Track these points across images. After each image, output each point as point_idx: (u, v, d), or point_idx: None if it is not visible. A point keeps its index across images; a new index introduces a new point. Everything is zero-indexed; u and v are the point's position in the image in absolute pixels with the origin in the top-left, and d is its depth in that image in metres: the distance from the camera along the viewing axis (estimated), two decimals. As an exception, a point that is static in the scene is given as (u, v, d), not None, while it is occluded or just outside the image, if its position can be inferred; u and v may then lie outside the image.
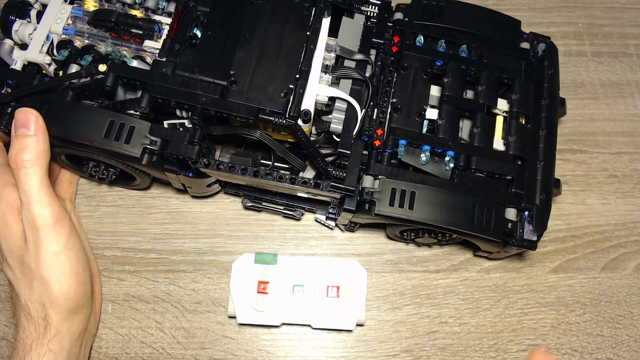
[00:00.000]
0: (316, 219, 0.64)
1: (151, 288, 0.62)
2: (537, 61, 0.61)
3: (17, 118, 0.50)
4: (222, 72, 0.53)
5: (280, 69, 0.53)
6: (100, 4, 0.58)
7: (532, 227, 0.54)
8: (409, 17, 0.61)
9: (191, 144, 0.52)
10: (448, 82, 0.57)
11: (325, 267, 0.60)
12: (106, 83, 0.51)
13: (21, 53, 0.55)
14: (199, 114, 0.51)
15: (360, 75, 0.56)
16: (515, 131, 0.56)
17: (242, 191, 0.63)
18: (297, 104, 0.52)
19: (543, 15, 0.62)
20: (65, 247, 0.50)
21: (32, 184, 0.48)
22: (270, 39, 0.55)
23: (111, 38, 0.56)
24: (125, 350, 0.60)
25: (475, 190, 0.55)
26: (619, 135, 0.72)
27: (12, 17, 0.57)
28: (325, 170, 0.54)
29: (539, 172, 0.56)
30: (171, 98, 0.51)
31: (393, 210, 0.53)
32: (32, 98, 0.52)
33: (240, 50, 0.54)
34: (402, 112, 0.56)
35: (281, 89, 0.53)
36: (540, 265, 0.65)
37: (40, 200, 0.49)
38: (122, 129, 0.52)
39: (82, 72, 0.52)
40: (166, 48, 0.54)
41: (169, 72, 0.52)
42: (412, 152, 0.55)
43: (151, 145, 0.52)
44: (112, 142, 0.51)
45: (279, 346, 0.61)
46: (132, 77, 0.52)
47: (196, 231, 0.65)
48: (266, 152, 0.62)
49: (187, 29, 0.55)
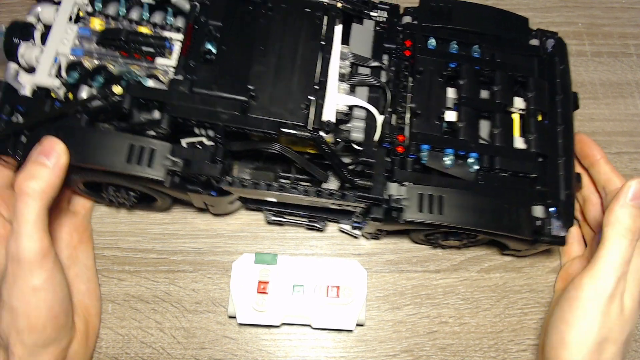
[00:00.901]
0: (340, 228, 0.64)
1: (151, 288, 0.62)
2: (548, 57, 0.61)
3: (43, 144, 0.48)
4: (240, 87, 0.52)
5: (299, 81, 0.53)
6: (106, 22, 0.56)
7: (560, 223, 0.55)
8: (418, 20, 0.61)
9: (214, 163, 0.51)
10: (464, 84, 0.57)
11: (325, 267, 0.60)
12: (124, 105, 0.50)
13: (29, 77, 0.53)
14: (221, 131, 0.50)
15: (378, 82, 0.56)
16: (534, 129, 0.57)
17: (264, 206, 0.62)
18: (318, 115, 0.52)
19: (543, 15, 0.63)
20: (44, 283, 0.48)
21: (28, 216, 0.46)
22: (285, 51, 0.54)
23: (121, 57, 0.54)
24: (125, 350, 0.59)
25: (501, 190, 0.55)
26: (619, 135, 0.72)
27: (16, 40, 0.55)
28: (351, 181, 0.54)
29: (560, 167, 0.57)
30: (192, 117, 0.50)
31: (423, 216, 0.53)
32: (45, 125, 0.51)
33: (256, 64, 0.53)
34: (421, 117, 0.56)
35: (301, 101, 0.52)
36: (540, 265, 0.65)
37: (32, 234, 0.46)
38: (142, 152, 0.50)
39: (98, 96, 0.50)
40: (182, 65, 0.52)
41: (186, 90, 0.51)
42: (435, 156, 0.55)
43: (174, 166, 0.50)
44: (135, 167, 0.50)
45: (279, 346, 0.61)
46: (151, 97, 0.50)
47: (196, 231, 0.64)
48: (285, 164, 0.61)
49: (201, 44, 0.54)
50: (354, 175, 0.54)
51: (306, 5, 0.55)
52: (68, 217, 0.60)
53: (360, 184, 0.54)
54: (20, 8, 0.74)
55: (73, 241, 0.59)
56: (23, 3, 0.74)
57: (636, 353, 0.62)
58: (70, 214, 0.61)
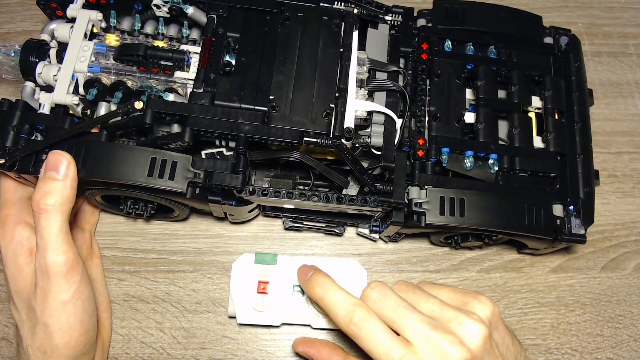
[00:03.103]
0: (359, 232, 0.64)
1: (151, 288, 0.62)
2: (562, 54, 0.61)
3: (49, 159, 0.48)
4: (261, 97, 0.52)
5: (319, 89, 0.53)
6: (122, 38, 0.56)
7: (579, 221, 0.55)
8: (433, 22, 0.61)
9: (235, 173, 0.51)
10: (482, 85, 0.57)
11: (326, 267, 0.59)
12: (145, 120, 0.50)
13: (48, 96, 0.53)
14: (243, 143, 0.50)
15: (396, 86, 0.56)
16: (553, 127, 0.57)
17: (282, 212, 0.62)
18: (339, 123, 0.52)
19: (543, 15, 0.63)
20: (73, 296, 0.49)
21: (51, 230, 0.47)
22: (304, 59, 0.54)
23: (139, 72, 0.54)
24: (125, 351, 0.60)
25: (521, 190, 0.55)
26: (619, 135, 0.72)
27: (32, 59, 0.55)
28: (372, 186, 0.54)
29: (579, 165, 0.57)
30: (214, 130, 0.50)
31: (445, 220, 0.53)
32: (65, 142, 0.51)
33: (276, 74, 0.53)
34: (441, 120, 0.56)
35: (322, 109, 0.52)
36: (540, 265, 0.65)
37: (57, 247, 0.47)
38: (164, 165, 0.50)
39: (119, 112, 0.50)
40: (201, 78, 0.52)
41: (207, 103, 0.51)
42: (455, 159, 0.55)
43: (195, 178, 0.51)
44: (157, 180, 0.50)
45: (279, 346, 0.61)
46: (172, 112, 0.50)
47: (196, 231, 0.65)
48: (303, 171, 0.61)
49: (220, 56, 0.53)
50: (374, 180, 0.55)
51: (323, 12, 0.55)
52: (75, 232, 0.60)
53: (381, 188, 0.54)
54: (21, 8, 0.74)
55: (82, 256, 0.59)
56: (23, 3, 0.74)
57: (636, 353, 0.63)
58: (77, 228, 0.61)
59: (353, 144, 0.58)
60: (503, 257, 0.66)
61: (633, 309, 0.64)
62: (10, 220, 0.52)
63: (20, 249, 0.50)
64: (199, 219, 0.65)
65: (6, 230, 0.51)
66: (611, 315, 0.64)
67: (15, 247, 0.50)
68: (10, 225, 0.51)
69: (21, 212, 0.52)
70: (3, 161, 0.50)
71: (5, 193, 0.54)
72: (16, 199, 0.54)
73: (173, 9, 0.56)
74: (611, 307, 0.64)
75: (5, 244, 0.51)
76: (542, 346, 0.62)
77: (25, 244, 0.50)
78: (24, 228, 0.51)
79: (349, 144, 0.54)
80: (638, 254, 0.67)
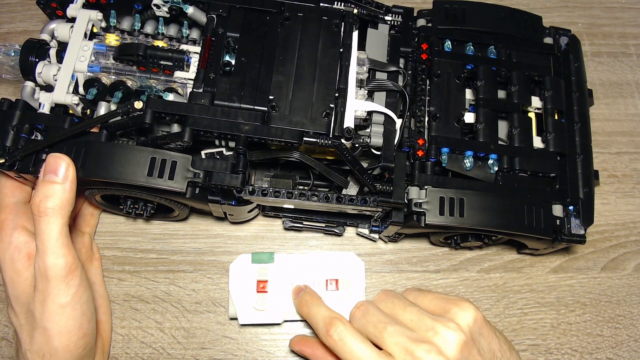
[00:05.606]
0: (358, 232, 0.64)
1: (151, 288, 0.62)
2: (562, 55, 0.61)
3: (48, 162, 0.48)
4: (261, 97, 0.52)
5: (319, 89, 0.53)
6: (122, 38, 0.56)
7: (579, 221, 0.55)
8: (432, 22, 0.61)
9: (235, 173, 0.51)
10: (482, 85, 0.57)
11: (323, 261, 0.60)
12: (145, 120, 0.50)
13: (47, 95, 0.53)
14: (243, 142, 0.50)
15: (395, 86, 0.56)
16: (552, 128, 0.57)
17: (282, 212, 0.62)
18: (339, 123, 0.52)
19: (543, 15, 0.63)
20: (72, 300, 0.48)
21: (50, 234, 0.47)
22: (304, 60, 0.54)
23: (139, 72, 0.54)
24: (125, 350, 0.60)
25: (521, 190, 0.55)
26: (619, 135, 0.72)
27: (32, 59, 0.55)
28: (372, 186, 0.54)
29: (579, 165, 0.57)
30: (214, 130, 0.50)
31: (444, 220, 0.53)
32: (65, 141, 0.51)
33: (276, 74, 0.53)
34: (440, 120, 0.56)
35: (322, 109, 0.52)
36: (540, 265, 0.65)
37: (56, 251, 0.47)
38: (164, 165, 0.50)
39: (118, 111, 0.50)
40: (201, 78, 0.52)
41: (207, 102, 0.51)
42: (455, 159, 0.55)
43: (195, 178, 0.51)
44: (156, 180, 0.50)
45: (279, 346, 0.61)
46: (171, 112, 0.50)
47: (196, 231, 0.65)
48: (303, 171, 0.61)
49: (220, 56, 0.53)
50: (374, 180, 0.55)
51: (323, 12, 0.55)
52: (75, 235, 0.60)
53: (381, 189, 0.54)
54: (21, 8, 0.74)
55: (82, 259, 0.59)
56: (23, 3, 0.74)
57: (636, 353, 0.63)
58: (76, 232, 0.61)
59: (353, 144, 0.58)
60: (503, 257, 0.66)
61: (633, 309, 0.64)
62: (7, 225, 0.51)
63: (18, 253, 0.50)
64: (199, 219, 0.65)
65: (3, 235, 0.51)
66: (611, 315, 0.64)
67: (13, 252, 0.50)
68: (8, 230, 0.51)
69: (18, 217, 0.52)
70: (3, 161, 0.50)
71: (2, 198, 0.54)
72: (13, 203, 0.53)
73: (173, 9, 0.56)
74: (611, 307, 0.64)
75: (3, 248, 0.50)
76: (542, 346, 0.62)
77: (23, 249, 0.50)
78: (22, 233, 0.51)
79: (349, 144, 0.54)
80: (638, 254, 0.67)
